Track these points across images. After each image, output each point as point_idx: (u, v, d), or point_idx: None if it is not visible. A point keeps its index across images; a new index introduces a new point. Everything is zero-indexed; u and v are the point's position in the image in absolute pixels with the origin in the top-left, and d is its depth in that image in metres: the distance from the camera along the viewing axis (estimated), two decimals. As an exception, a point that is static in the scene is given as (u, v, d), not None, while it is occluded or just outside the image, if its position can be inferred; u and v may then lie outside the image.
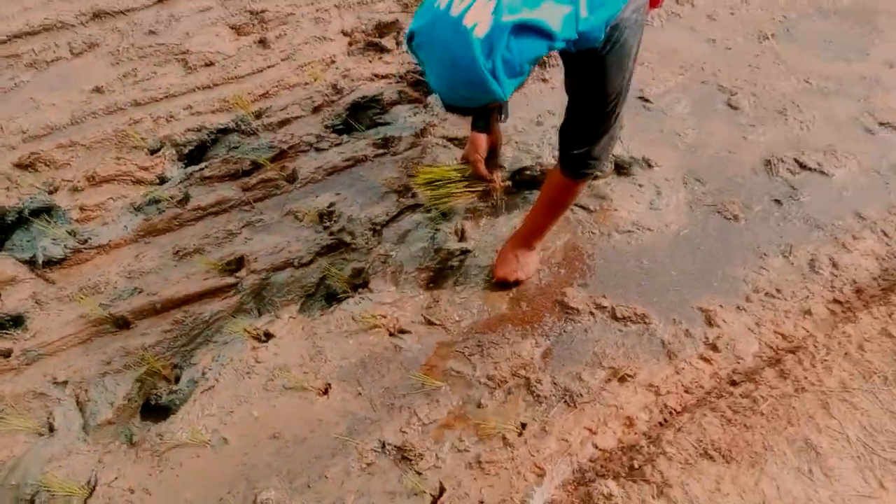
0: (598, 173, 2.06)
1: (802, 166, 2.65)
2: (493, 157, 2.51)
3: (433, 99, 2.89)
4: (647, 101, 2.81)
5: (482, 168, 2.46)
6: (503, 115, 2.49)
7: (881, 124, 2.77)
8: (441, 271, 2.46)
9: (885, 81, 2.92)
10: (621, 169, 2.65)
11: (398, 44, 3.03)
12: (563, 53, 1.65)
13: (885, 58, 3.00)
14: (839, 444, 1.71)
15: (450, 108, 2.10)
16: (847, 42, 3.07)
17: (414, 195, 2.62)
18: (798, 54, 3.01)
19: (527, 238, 2.32)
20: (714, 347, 2.21)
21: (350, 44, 3.06)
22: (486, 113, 2.30)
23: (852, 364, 1.88)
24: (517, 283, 2.36)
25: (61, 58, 2.96)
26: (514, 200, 2.61)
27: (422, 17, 1.40)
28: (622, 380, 2.15)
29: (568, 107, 1.90)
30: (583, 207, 2.56)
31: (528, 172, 2.64)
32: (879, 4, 3.19)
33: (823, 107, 2.83)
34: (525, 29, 1.32)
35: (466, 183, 2.49)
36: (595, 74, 1.67)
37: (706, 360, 2.19)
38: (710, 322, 2.27)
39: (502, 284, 2.36)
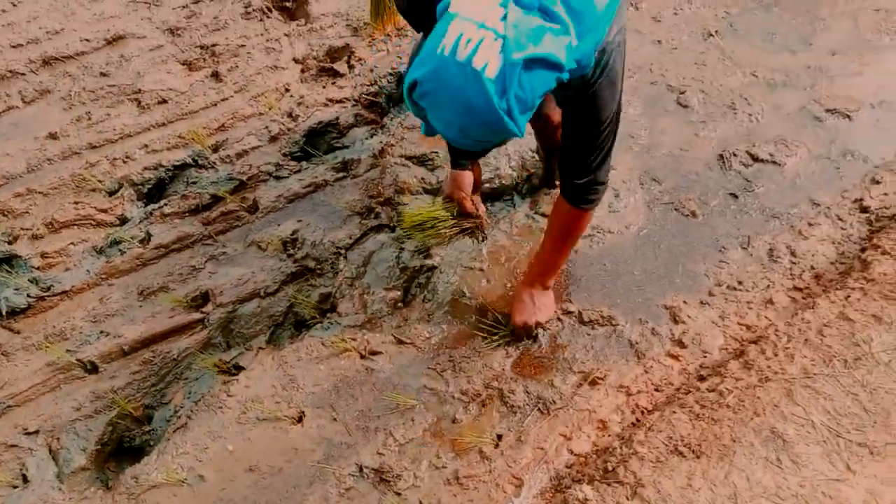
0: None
1: (755, 158, 2.69)
2: (476, 192, 2.50)
3: (389, 119, 2.91)
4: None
5: (469, 205, 2.47)
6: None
7: (828, 111, 2.83)
8: (409, 290, 2.47)
9: (830, 69, 2.98)
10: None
11: (350, 67, 3.05)
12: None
13: (829, 46, 3.07)
14: (805, 430, 1.74)
15: (458, 151, 2.07)
16: (790, 33, 3.13)
17: (377, 216, 2.64)
18: (743, 49, 3.07)
19: (541, 277, 2.23)
20: (681, 344, 2.24)
21: (303, 71, 3.08)
22: (461, 153, 2.30)
23: (813, 350, 1.91)
24: (538, 327, 2.26)
25: (13, 107, 2.95)
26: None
27: (423, 64, 1.34)
28: (593, 383, 2.18)
29: (563, 137, 1.87)
30: (543, 215, 2.58)
31: (488, 185, 2.66)
32: (819, -6, 3.27)
33: (771, 98, 2.88)
34: (535, 63, 1.30)
35: (454, 221, 2.49)
36: (588, 103, 1.67)
37: (674, 357, 2.22)
38: (675, 319, 2.30)
39: (524, 330, 2.26)
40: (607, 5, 1.49)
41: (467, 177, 2.44)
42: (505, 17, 1.29)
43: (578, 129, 1.78)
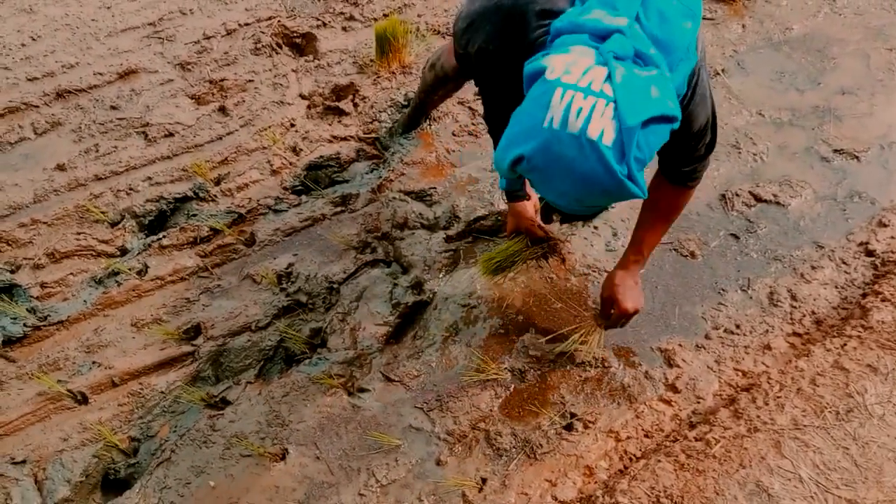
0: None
1: (758, 199, 2.64)
2: (539, 215, 2.44)
3: (390, 154, 2.92)
4: (600, 143, 2.83)
5: (540, 231, 2.44)
6: None
7: (836, 151, 2.77)
8: (400, 326, 2.45)
9: (839, 109, 2.93)
10: (577, 212, 2.65)
11: (355, 106, 3.07)
12: None
13: (838, 85, 3.02)
14: (791, 484, 1.67)
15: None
16: (799, 72, 3.09)
17: (374, 251, 2.63)
18: (750, 87, 3.03)
19: (642, 257, 2.12)
20: (674, 388, 2.18)
21: (309, 107, 3.11)
22: (515, 181, 2.23)
23: (805, 400, 1.84)
24: (636, 312, 2.15)
25: (25, 138, 3.02)
26: (472, 250, 2.61)
27: (527, 139, 1.28)
28: (583, 427, 2.13)
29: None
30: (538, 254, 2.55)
31: (484, 222, 2.65)
32: (830, 33, 3.23)
33: (777, 138, 2.84)
34: (651, 122, 1.25)
35: (530, 251, 2.47)
36: (683, 123, 1.56)
37: (666, 402, 2.16)
38: (669, 362, 2.24)
39: (624, 317, 2.14)
40: (692, 29, 1.41)
41: (529, 206, 2.39)
42: (609, 77, 1.24)
43: (675, 140, 1.64)
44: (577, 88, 1.22)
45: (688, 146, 1.71)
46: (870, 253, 2.43)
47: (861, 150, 2.76)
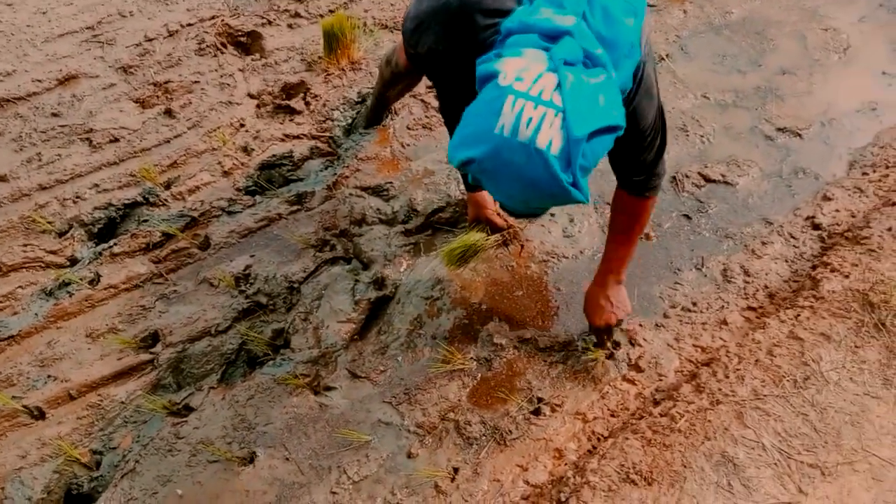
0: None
1: (707, 179, 2.71)
2: (498, 204, 2.47)
3: (343, 151, 2.90)
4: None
5: (500, 220, 2.47)
6: None
7: (779, 130, 2.86)
8: (364, 322, 2.44)
9: (780, 89, 3.02)
10: (533, 200, 2.67)
11: (307, 104, 3.04)
12: None
13: (778, 66, 3.11)
14: (755, 452, 1.72)
15: (516, 214, 2.00)
16: (740, 54, 3.17)
17: (332, 248, 2.61)
18: (693, 71, 3.10)
19: (616, 272, 2.17)
20: (637, 368, 2.22)
21: (258, 106, 3.07)
22: None
23: (763, 371, 1.90)
24: (619, 324, 2.22)
25: (-38, 150, 2.91)
26: (432, 242, 2.61)
27: (477, 144, 1.30)
28: (550, 410, 2.15)
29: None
30: (499, 241, 2.57)
31: (443, 214, 2.65)
32: (768, 15, 3.32)
33: (722, 119, 2.91)
34: (597, 133, 1.28)
35: (491, 239, 2.47)
36: (629, 118, 1.58)
37: (630, 381, 2.20)
38: (631, 342, 2.28)
39: (606, 332, 2.22)
40: (634, 26, 1.45)
41: (488, 195, 2.42)
42: (559, 86, 1.26)
43: (623, 140, 1.67)
44: (528, 97, 1.25)
45: (637, 146, 1.74)
46: (816, 226, 2.51)
47: (803, 128, 2.85)
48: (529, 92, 1.26)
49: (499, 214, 2.48)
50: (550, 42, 1.33)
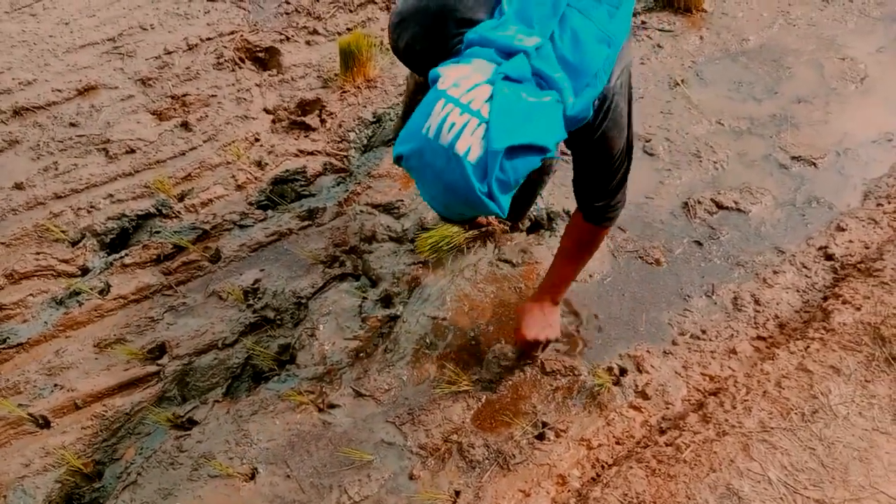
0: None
1: (720, 206, 2.69)
2: None
3: (356, 167, 2.91)
4: (564, 153, 2.86)
5: (479, 217, 2.48)
6: None
7: (794, 158, 2.84)
8: (370, 340, 2.43)
9: (795, 117, 3.00)
10: (543, 223, 2.67)
11: (322, 122, 3.06)
12: None
13: (794, 94, 3.10)
14: (761, 486, 1.69)
15: (447, 220, 2.11)
16: (756, 82, 3.16)
17: (342, 264, 2.62)
18: (709, 97, 3.09)
19: (554, 292, 2.19)
20: (644, 395, 2.20)
21: (274, 121, 3.09)
22: None
23: (771, 402, 1.87)
24: (547, 343, 2.23)
25: (-19, 157, 2.96)
26: (441, 261, 2.60)
27: (408, 141, 1.36)
28: (555, 436, 2.13)
29: (574, 165, 1.84)
30: (507, 262, 2.56)
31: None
32: (785, 43, 3.31)
33: (736, 146, 2.90)
34: (518, 150, 1.30)
35: (467, 235, 2.49)
36: (595, 146, 1.65)
37: (636, 409, 2.18)
38: (638, 368, 2.26)
39: (531, 346, 2.21)
40: (606, 57, 1.48)
41: None
42: (491, 98, 1.29)
43: (589, 164, 1.77)
44: (457, 104, 1.30)
45: (603, 172, 1.76)
46: (829, 257, 2.49)
47: (818, 157, 2.83)
48: (460, 99, 1.30)
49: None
50: (504, 58, 1.37)
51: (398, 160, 1.40)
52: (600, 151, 1.68)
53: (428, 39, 1.62)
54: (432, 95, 1.34)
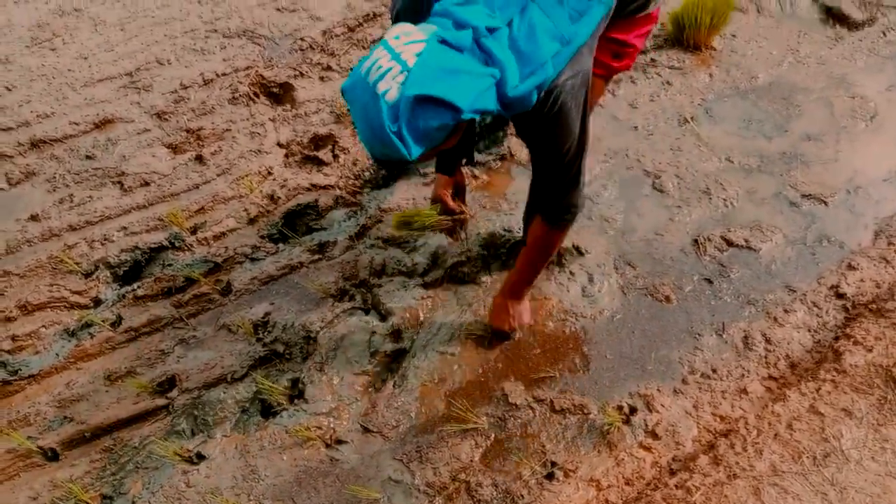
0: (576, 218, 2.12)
1: (730, 243, 2.69)
2: (459, 194, 2.56)
3: (367, 201, 2.93)
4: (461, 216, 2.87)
5: (451, 204, 2.53)
6: (465, 160, 2.56)
7: (804, 196, 2.84)
8: (379, 374, 2.43)
9: (805, 155, 3.01)
10: (552, 259, 2.67)
11: (335, 157, 3.09)
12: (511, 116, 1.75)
13: (803, 132, 3.11)
14: (773, 531, 1.67)
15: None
16: (765, 119, 3.18)
17: (352, 298, 2.63)
18: (718, 135, 3.11)
19: (515, 289, 2.36)
20: (654, 435, 2.18)
21: (287, 156, 3.13)
22: (449, 157, 2.44)
23: (782, 445, 1.85)
24: (513, 332, 2.43)
25: (-2, 188, 3.01)
26: (451, 296, 2.61)
27: (350, 77, 1.53)
28: (564, 476, 2.11)
29: (532, 164, 2.01)
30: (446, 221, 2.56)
31: (462, 268, 2.65)
32: (795, 81, 3.33)
33: (746, 184, 2.90)
34: (428, 101, 1.44)
35: (438, 219, 2.50)
36: (541, 134, 1.78)
37: (646, 449, 2.16)
38: (648, 407, 2.25)
39: (499, 335, 2.44)
40: (556, 54, 1.61)
41: (447, 180, 2.50)
42: (420, 54, 1.45)
43: (538, 157, 1.91)
44: (391, 51, 1.47)
45: (554, 167, 1.88)
46: (840, 296, 2.47)
47: (828, 195, 2.83)
48: (395, 48, 1.48)
49: (453, 199, 2.54)
50: (457, 30, 1.54)
51: (343, 93, 1.56)
52: (547, 146, 1.81)
53: (411, 12, 1.77)
54: (378, 42, 1.52)
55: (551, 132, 1.75)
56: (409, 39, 1.49)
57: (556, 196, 1.98)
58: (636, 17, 2.00)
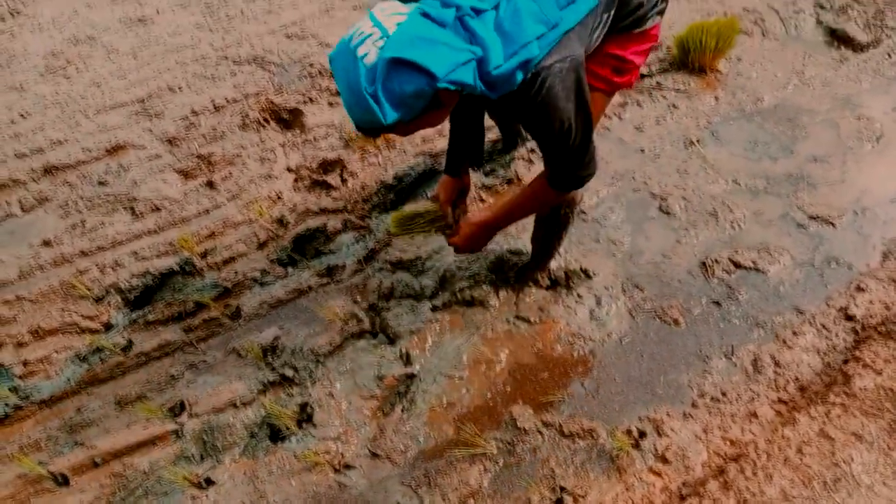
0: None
1: (737, 265, 2.69)
2: (460, 200, 2.55)
3: (375, 225, 2.95)
4: (582, 212, 2.89)
5: (448, 210, 2.51)
6: (475, 165, 2.56)
7: (811, 218, 2.84)
8: (387, 399, 2.44)
9: (812, 177, 3.02)
10: (561, 281, 2.68)
11: (344, 181, 3.12)
12: (499, 99, 1.77)
13: (810, 154, 3.12)
14: (784, 558, 1.66)
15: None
16: (771, 141, 3.19)
17: (360, 321, 2.64)
18: (725, 157, 3.12)
19: (496, 217, 2.27)
20: (664, 459, 2.17)
21: (296, 180, 3.16)
22: (456, 159, 2.45)
23: (792, 470, 1.84)
24: (456, 249, 2.39)
25: (12, 214, 3.03)
26: (459, 320, 2.62)
27: (337, 46, 1.62)
28: (573, 501, 2.10)
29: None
30: (524, 320, 2.57)
31: (472, 292, 2.66)
32: (800, 103, 3.34)
33: (753, 205, 2.91)
34: (401, 64, 1.51)
35: (436, 224, 2.50)
36: (531, 117, 1.80)
37: (656, 474, 2.15)
38: (658, 431, 2.24)
39: (459, 251, 2.39)
40: (541, 36, 1.67)
41: (452, 183, 2.50)
42: (401, 23, 1.54)
43: (535, 136, 1.92)
44: (374, 20, 1.57)
45: (549, 145, 1.89)
46: (849, 318, 2.47)
47: (835, 217, 2.83)
48: (378, 17, 1.57)
49: (449, 208, 2.51)
50: (442, 7, 1.62)
51: (330, 62, 1.63)
52: (539, 128, 1.83)
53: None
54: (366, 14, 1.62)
55: (541, 114, 1.77)
56: (394, 11, 1.59)
57: (560, 170, 2.00)
58: (632, 34, 2.02)
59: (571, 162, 1.94)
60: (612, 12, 1.89)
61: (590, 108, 1.84)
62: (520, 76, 1.68)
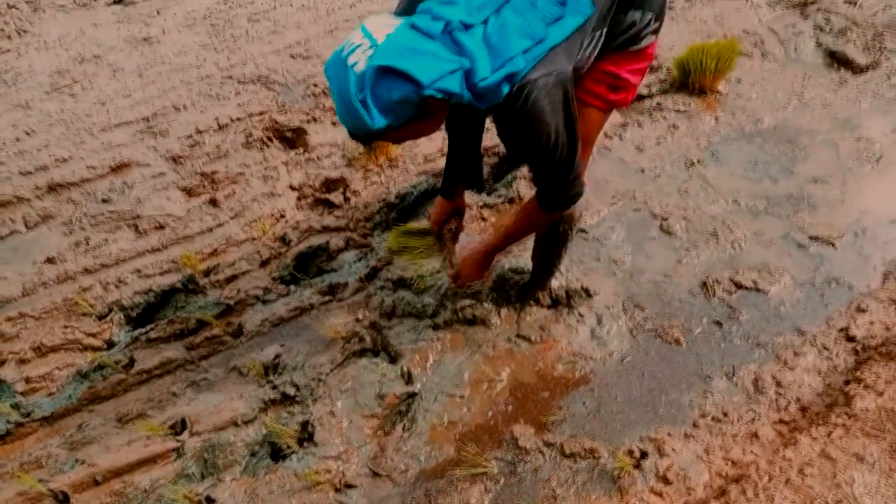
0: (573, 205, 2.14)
1: (738, 285, 2.70)
2: (454, 220, 2.57)
3: (377, 243, 2.96)
4: (582, 231, 2.90)
5: (436, 230, 2.58)
6: (476, 188, 2.59)
7: (811, 238, 2.85)
8: (388, 417, 2.44)
9: (812, 197, 3.03)
10: (562, 300, 2.69)
11: (346, 200, 3.14)
12: (489, 110, 1.82)
13: (810, 174, 3.14)
14: (786, 580, 1.65)
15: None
16: (771, 162, 3.21)
17: (361, 340, 2.64)
18: (725, 177, 3.14)
19: (490, 251, 2.41)
20: (665, 480, 2.16)
21: (299, 198, 3.18)
22: (451, 179, 2.48)
23: (794, 491, 1.84)
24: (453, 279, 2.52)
25: (16, 231, 3.05)
26: (460, 338, 2.62)
27: (331, 57, 1.67)
28: (574, 521, 2.10)
29: None
30: (525, 339, 2.58)
31: (473, 310, 2.67)
32: (800, 124, 3.37)
33: (754, 226, 2.92)
34: (389, 72, 1.55)
35: (431, 246, 2.58)
36: (515, 130, 1.83)
37: (658, 495, 2.14)
38: (659, 452, 2.23)
39: (459, 282, 2.52)
40: (527, 50, 1.71)
41: (445, 205, 2.53)
42: (390, 34, 1.60)
43: (520, 152, 1.97)
44: (364, 31, 1.62)
45: (535, 161, 1.93)
46: (850, 338, 2.47)
47: (836, 237, 2.84)
48: (368, 28, 1.63)
49: (441, 229, 2.59)
50: (432, 21, 1.67)
51: (325, 70, 1.68)
52: (522, 142, 1.86)
53: (407, 13, 1.85)
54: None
55: (526, 127, 1.80)
56: (384, 23, 1.64)
57: (547, 189, 2.04)
58: (627, 52, 2.03)
59: (557, 180, 1.97)
60: (605, 30, 1.92)
61: (576, 125, 1.86)
62: (505, 89, 1.72)
